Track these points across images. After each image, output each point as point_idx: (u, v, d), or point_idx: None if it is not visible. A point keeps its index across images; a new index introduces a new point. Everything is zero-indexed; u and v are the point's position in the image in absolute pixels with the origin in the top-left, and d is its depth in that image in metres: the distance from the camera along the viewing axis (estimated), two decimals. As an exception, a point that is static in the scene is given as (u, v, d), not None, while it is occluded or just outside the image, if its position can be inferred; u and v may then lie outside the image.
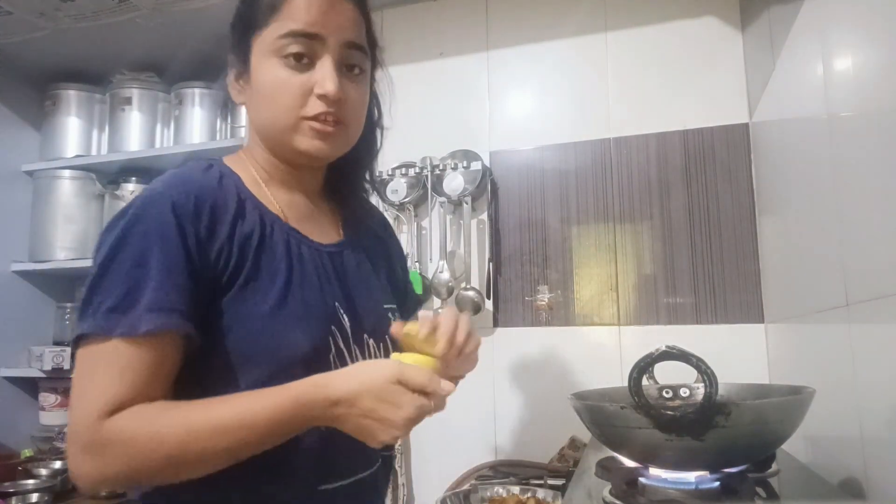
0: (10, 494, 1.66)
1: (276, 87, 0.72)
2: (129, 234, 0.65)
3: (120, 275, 0.64)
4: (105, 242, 0.66)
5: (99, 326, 0.63)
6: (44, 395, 2.10)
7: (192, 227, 0.67)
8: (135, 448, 0.62)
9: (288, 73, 0.72)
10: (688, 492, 0.74)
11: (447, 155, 1.71)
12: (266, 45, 0.73)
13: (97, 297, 0.64)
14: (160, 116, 2.21)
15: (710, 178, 1.54)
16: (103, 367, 0.63)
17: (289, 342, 0.70)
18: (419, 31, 1.83)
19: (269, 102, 0.73)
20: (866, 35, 0.77)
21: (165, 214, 0.66)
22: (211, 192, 0.71)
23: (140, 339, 0.62)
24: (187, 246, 0.66)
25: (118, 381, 0.62)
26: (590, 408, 0.80)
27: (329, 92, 0.71)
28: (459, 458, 1.59)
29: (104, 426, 0.61)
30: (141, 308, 0.62)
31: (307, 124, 0.73)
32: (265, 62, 0.73)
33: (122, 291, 0.63)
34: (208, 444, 0.62)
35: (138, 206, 0.67)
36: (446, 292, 1.64)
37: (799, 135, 1.09)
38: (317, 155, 0.75)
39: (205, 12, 1.83)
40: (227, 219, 0.70)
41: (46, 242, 2.13)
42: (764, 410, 0.73)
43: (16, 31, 1.88)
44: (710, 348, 0.83)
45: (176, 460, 0.62)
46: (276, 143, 0.76)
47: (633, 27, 1.65)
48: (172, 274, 0.64)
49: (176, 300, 0.64)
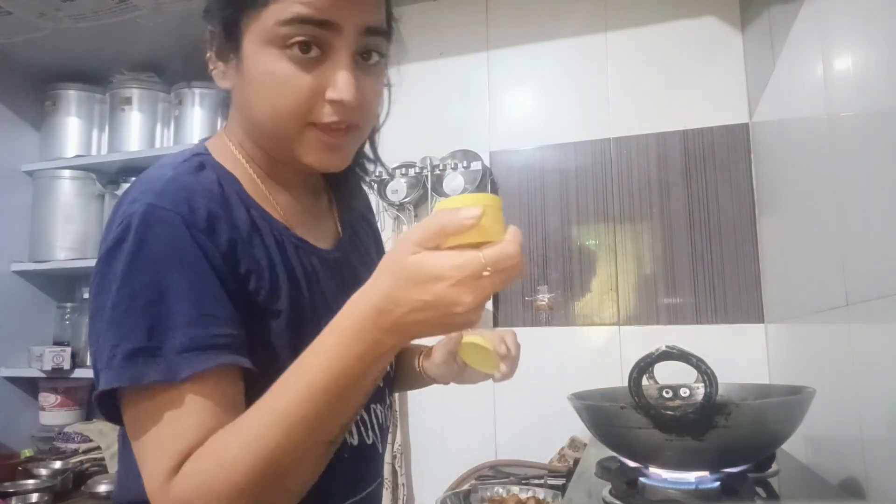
0: (10, 494, 1.66)
1: (276, 85, 0.58)
2: (136, 260, 0.53)
3: (136, 311, 0.52)
4: (108, 273, 0.54)
5: (122, 377, 0.52)
6: (44, 395, 2.09)
7: (212, 245, 0.56)
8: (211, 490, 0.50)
9: (292, 68, 0.57)
10: (688, 492, 0.74)
11: (447, 155, 1.71)
12: (264, 30, 0.57)
13: (112, 341, 0.53)
14: (160, 116, 2.21)
15: (710, 178, 1.54)
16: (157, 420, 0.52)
17: None
18: (419, 31, 1.83)
19: (266, 102, 0.59)
20: (866, 35, 0.77)
21: (179, 233, 0.54)
22: (218, 200, 0.59)
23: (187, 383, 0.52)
24: (214, 267, 0.55)
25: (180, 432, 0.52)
26: (590, 408, 0.80)
27: (346, 99, 0.58)
28: (459, 458, 1.59)
29: (175, 485, 0.51)
30: (174, 348, 0.52)
31: (314, 133, 0.60)
32: (262, 51, 0.58)
33: (143, 330, 0.52)
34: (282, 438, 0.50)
35: (139, 225, 0.54)
36: (446, 292, 1.64)
37: (799, 135, 1.09)
38: (324, 170, 0.64)
39: (205, 12, 1.83)
40: (242, 234, 0.60)
41: (46, 242, 2.13)
42: (764, 410, 0.73)
43: (16, 31, 1.88)
44: (710, 348, 0.83)
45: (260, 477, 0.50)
46: (272, 147, 0.64)
47: (633, 27, 1.65)
48: (205, 301, 0.54)
49: (215, 332, 0.53)
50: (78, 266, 2.11)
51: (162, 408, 0.52)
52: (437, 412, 1.66)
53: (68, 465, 1.84)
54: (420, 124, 1.75)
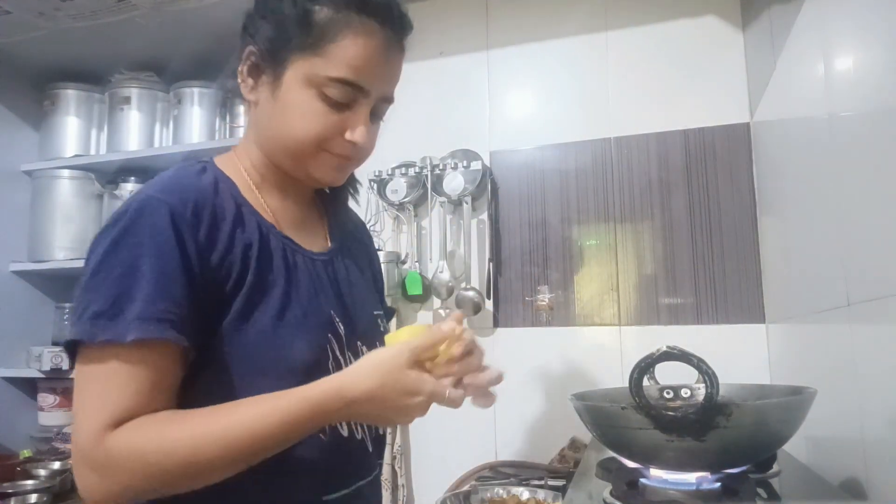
0: (8, 495, 1.66)
1: (307, 117, 0.71)
2: (122, 240, 0.63)
3: (109, 281, 0.62)
4: (97, 247, 0.64)
5: (84, 332, 0.61)
6: (42, 395, 2.09)
7: (191, 235, 0.65)
8: (142, 462, 0.60)
9: (324, 108, 0.71)
10: (689, 492, 0.74)
11: (447, 155, 1.71)
12: (310, 73, 0.70)
13: (83, 304, 0.62)
14: (159, 116, 2.20)
15: (711, 178, 1.54)
16: (102, 379, 0.61)
17: (292, 352, 0.70)
18: (419, 30, 1.81)
19: (295, 126, 0.71)
20: (867, 35, 0.76)
21: (162, 222, 0.64)
22: (209, 197, 0.70)
23: (133, 348, 0.61)
24: (186, 255, 0.65)
25: (119, 393, 0.61)
26: (590, 408, 0.79)
27: (360, 143, 0.73)
28: (459, 459, 1.59)
29: (108, 441, 0.60)
30: (130, 316, 0.61)
31: (327, 157, 0.74)
32: (303, 88, 0.71)
33: (110, 298, 0.61)
34: (218, 454, 0.61)
35: (133, 211, 0.65)
36: (446, 292, 1.64)
37: (800, 134, 1.09)
38: (329, 183, 0.78)
39: (204, 12, 1.82)
40: (225, 226, 0.69)
41: (45, 242, 2.12)
42: (765, 411, 0.72)
43: (15, 31, 1.88)
44: (710, 348, 0.82)
45: (185, 472, 0.61)
46: (285, 159, 0.75)
47: (634, 26, 1.64)
48: (166, 283, 0.63)
49: (167, 310, 0.62)
50: (77, 266, 2.09)
51: (108, 369, 0.61)
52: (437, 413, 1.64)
53: (67, 466, 1.83)
54: (420, 124, 1.75)
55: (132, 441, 0.60)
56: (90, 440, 0.60)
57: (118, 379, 0.61)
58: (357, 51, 0.70)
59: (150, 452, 0.60)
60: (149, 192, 0.66)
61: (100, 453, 0.60)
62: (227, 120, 2.18)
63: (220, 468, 0.62)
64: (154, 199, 0.65)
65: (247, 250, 0.70)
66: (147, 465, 0.60)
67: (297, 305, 0.72)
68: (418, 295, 1.66)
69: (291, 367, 0.69)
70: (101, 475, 0.60)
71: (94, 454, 0.60)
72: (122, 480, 0.60)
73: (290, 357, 0.70)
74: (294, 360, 0.70)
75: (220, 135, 2.16)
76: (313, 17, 0.70)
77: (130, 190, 2.11)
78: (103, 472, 0.60)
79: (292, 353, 0.70)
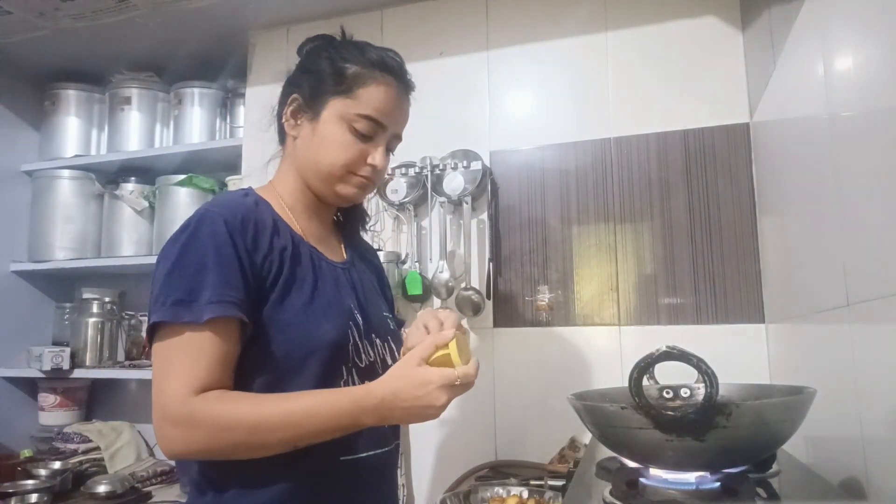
0: (9, 495, 1.66)
1: (340, 145, 0.92)
2: (189, 244, 0.81)
3: (184, 276, 0.79)
4: (169, 252, 0.82)
5: (168, 315, 0.77)
6: (43, 395, 2.09)
7: (241, 239, 0.83)
8: (218, 426, 0.76)
9: (352, 139, 0.92)
10: (688, 492, 0.74)
11: (447, 155, 1.71)
12: (343, 111, 0.91)
13: (165, 294, 0.78)
14: (159, 116, 2.21)
15: (711, 178, 1.54)
16: (182, 353, 0.77)
17: (319, 331, 0.86)
18: (419, 31, 1.83)
19: (329, 151, 0.92)
20: (867, 35, 0.76)
21: (220, 229, 0.82)
22: (252, 212, 0.88)
23: (206, 327, 0.77)
24: (238, 254, 0.82)
25: (198, 365, 0.77)
26: (590, 408, 0.79)
27: (379, 166, 0.95)
28: (459, 459, 1.59)
29: (191, 403, 0.75)
30: (203, 301, 0.77)
31: (353, 178, 0.94)
32: (337, 123, 0.92)
33: (187, 289, 0.78)
34: (275, 431, 0.77)
35: (195, 222, 0.83)
36: (446, 292, 1.64)
37: (799, 135, 1.09)
38: (352, 200, 0.98)
39: (204, 12, 1.83)
40: (265, 234, 0.87)
41: (46, 242, 2.12)
42: (765, 411, 0.72)
43: (15, 31, 1.88)
44: (710, 348, 0.82)
45: (247, 442, 0.77)
46: (318, 181, 0.94)
47: (634, 27, 1.64)
48: (228, 275, 0.80)
49: (231, 294, 0.79)
50: (77, 266, 2.11)
51: (187, 344, 0.77)
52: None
53: (67, 466, 1.83)
54: (420, 124, 1.73)
55: (212, 408, 0.76)
56: (176, 402, 0.75)
57: (195, 353, 0.77)
58: (379, 95, 0.93)
59: (224, 420, 0.76)
60: (207, 208, 0.85)
61: (184, 413, 0.75)
62: (227, 120, 2.18)
63: (273, 445, 0.78)
64: (211, 212, 0.84)
65: (282, 252, 0.88)
66: (220, 430, 0.76)
67: (323, 296, 0.90)
68: (418, 295, 1.66)
69: (320, 342, 0.85)
70: (183, 431, 0.76)
71: (178, 413, 0.75)
72: (201, 438, 0.76)
73: (318, 336, 0.86)
74: (321, 339, 0.86)
75: (220, 135, 2.16)
76: (346, 71, 0.92)
77: (130, 190, 2.12)
78: (185, 429, 0.76)
79: (320, 333, 0.86)
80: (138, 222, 2.12)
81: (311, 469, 0.84)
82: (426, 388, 0.78)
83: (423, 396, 0.78)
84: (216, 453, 0.79)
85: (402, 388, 0.78)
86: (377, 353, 0.95)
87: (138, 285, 2.28)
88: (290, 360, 0.84)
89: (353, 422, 0.79)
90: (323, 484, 0.86)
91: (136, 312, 2.22)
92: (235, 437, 0.76)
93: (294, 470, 0.83)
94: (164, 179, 2.08)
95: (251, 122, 1.97)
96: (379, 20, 1.87)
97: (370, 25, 1.86)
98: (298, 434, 0.78)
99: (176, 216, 2.04)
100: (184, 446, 0.76)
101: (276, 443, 0.78)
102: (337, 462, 0.86)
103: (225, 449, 0.78)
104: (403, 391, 0.78)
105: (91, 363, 2.06)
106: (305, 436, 0.78)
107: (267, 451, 0.79)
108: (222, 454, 0.79)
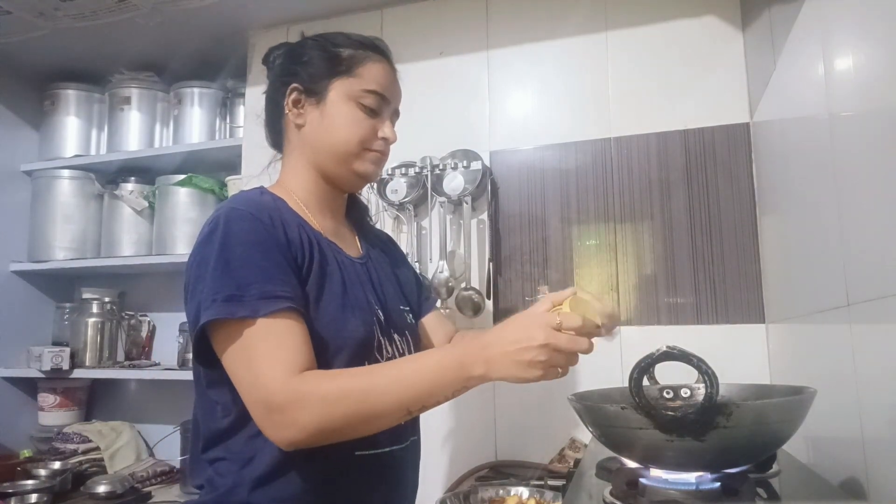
0: (9, 495, 1.66)
1: (353, 122, 0.94)
2: (226, 241, 0.80)
3: (229, 273, 0.78)
4: (206, 253, 0.80)
5: (222, 312, 0.76)
6: (43, 395, 2.09)
7: (274, 233, 0.84)
8: (328, 399, 0.74)
9: (362, 115, 0.95)
10: (688, 492, 0.74)
11: (447, 155, 1.71)
12: (349, 89, 0.94)
13: (213, 292, 0.77)
14: (159, 116, 2.21)
15: (711, 178, 1.54)
16: (263, 341, 0.76)
17: (349, 328, 0.88)
18: (419, 31, 1.83)
19: (342, 131, 0.94)
20: (867, 35, 0.76)
21: (253, 224, 0.82)
22: (275, 210, 0.88)
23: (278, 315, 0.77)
24: (279, 246, 0.83)
25: (284, 349, 0.76)
26: (590, 408, 0.79)
27: (390, 137, 0.98)
28: (459, 459, 1.59)
29: (295, 383, 0.74)
30: (253, 297, 0.76)
31: (369, 153, 0.96)
32: (346, 102, 0.94)
33: (233, 285, 0.77)
34: (387, 394, 0.75)
35: (224, 221, 0.82)
36: (446, 292, 1.64)
37: (800, 134, 1.09)
38: (370, 176, 0.98)
39: (204, 12, 1.83)
40: (292, 229, 0.87)
41: (45, 242, 2.12)
42: (765, 411, 0.72)
43: (15, 31, 1.88)
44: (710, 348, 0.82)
45: (360, 412, 0.75)
46: (334, 162, 0.96)
47: (634, 27, 1.64)
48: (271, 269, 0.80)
49: (279, 288, 0.79)
50: (77, 266, 2.11)
51: (264, 333, 0.76)
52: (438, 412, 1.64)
53: (67, 466, 1.83)
54: (420, 124, 1.75)
55: (317, 384, 0.75)
56: (276, 387, 0.74)
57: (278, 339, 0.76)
58: (378, 71, 0.97)
59: (334, 392, 0.74)
60: (231, 206, 0.85)
61: (289, 394, 0.73)
62: (227, 120, 2.18)
63: (389, 410, 0.76)
64: (237, 210, 0.83)
65: (311, 249, 0.89)
66: (331, 403, 0.74)
67: (350, 293, 0.91)
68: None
69: (349, 341, 0.87)
70: (293, 414, 0.73)
71: (283, 397, 0.73)
72: (313, 416, 0.73)
73: (347, 333, 0.87)
74: (350, 335, 0.87)
75: (219, 135, 2.16)
76: (342, 54, 0.96)
77: (130, 190, 2.12)
78: (294, 411, 0.73)
79: (349, 330, 0.88)
80: (138, 222, 2.12)
81: (326, 464, 0.84)
82: (527, 328, 0.73)
83: (522, 338, 0.72)
84: (330, 431, 0.75)
85: (506, 329, 0.75)
86: (395, 349, 0.96)
87: (138, 285, 2.28)
88: (321, 356, 0.83)
89: (461, 372, 0.74)
90: (338, 479, 0.86)
91: (136, 312, 2.23)
92: (348, 407, 0.74)
93: (311, 464, 0.83)
94: (164, 179, 2.08)
95: (251, 121, 1.97)
96: (379, 20, 1.86)
97: (370, 25, 1.86)
98: (410, 395, 0.75)
99: (176, 216, 2.04)
100: (298, 429, 0.73)
101: (390, 407, 0.75)
102: (352, 457, 0.86)
103: (338, 423, 0.74)
104: (507, 332, 0.74)
105: (91, 363, 2.06)
106: (419, 396, 0.75)
107: (381, 419, 0.77)
108: (336, 431, 0.76)
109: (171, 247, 2.02)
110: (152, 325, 2.25)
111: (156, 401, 2.15)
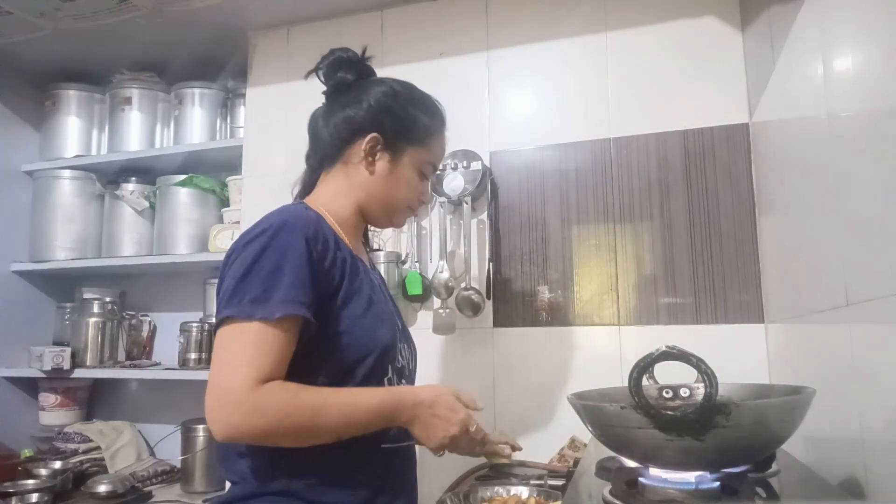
0: (9, 494, 1.66)
1: (410, 188, 1.08)
2: (268, 248, 0.87)
3: (261, 277, 0.85)
4: (248, 252, 0.88)
5: (244, 312, 0.83)
6: (44, 395, 2.10)
7: (314, 248, 0.91)
8: (284, 412, 0.82)
9: (418, 182, 1.08)
10: (688, 492, 0.74)
11: (447, 155, 1.71)
12: (417, 159, 1.07)
13: (241, 292, 0.84)
14: (160, 116, 2.21)
15: (710, 178, 1.54)
16: (250, 345, 0.82)
17: (377, 335, 0.97)
18: (419, 31, 1.83)
19: (403, 193, 1.07)
20: (866, 35, 0.77)
21: (297, 238, 0.89)
22: (320, 226, 0.96)
23: (276, 323, 0.83)
24: (312, 261, 0.89)
25: (267, 358, 0.82)
26: (590, 408, 0.79)
27: (427, 202, 1.16)
28: (459, 458, 1.58)
29: (258, 391, 0.80)
30: (276, 300, 0.84)
31: (408, 211, 1.10)
32: (411, 168, 1.07)
33: (262, 288, 0.84)
34: (331, 419, 0.85)
35: (274, 229, 0.89)
36: (446, 292, 1.64)
37: (799, 135, 1.09)
38: (395, 227, 1.15)
39: (205, 12, 1.83)
40: (331, 244, 0.95)
41: (46, 242, 2.13)
42: (764, 411, 0.72)
43: (16, 31, 1.88)
44: (710, 348, 0.83)
45: (308, 426, 0.84)
46: (381, 211, 1.08)
47: (633, 27, 1.64)
48: (300, 279, 0.87)
49: (302, 296, 0.86)
50: (78, 266, 2.11)
51: (258, 337, 0.83)
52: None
53: (68, 466, 1.84)
54: (420, 124, 1.75)
55: (276, 394, 0.82)
56: (243, 388, 0.80)
57: (262, 346, 0.83)
58: (441, 146, 1.13)
59: (292, 406, 0.83)
60: (283, 217, 0.92)
61: (251, 399, 0.80)
62: (227, 121, 2.19)
63: (328, 432, 0.86)
64: (289, 222, 0.91)
65: (343, 264, 0.96)
66: (284, 416, 0.82)
67: (377, 303, 1.00)
68: (418, 295, 1.66)
69: (377, 346, 0.96)
70: (249, 417, 0.80)
71: (244, 399, 0.79)
72: (265, 424, 0.81)
73: (376, 339, 0.96)
74: (379, 341, 0.97)
75: (220, 135, 2.16)
76: (421, 122, 1.07)
77: (131, 190, 2.12)
78: (251, 415, 0.80)
79: (378, 336, 0.97)
80: (139, 222, 2.13)
81: (356, 455, 0.93)
82: (455, 414, 0.94)
83: (449, 418, 0.93)
84: (275, 438, 0.84)
85: (439, 403, 0.93)
86: (405, 354, 1.06)
87: (139, 285, 2.28)
88: (352, 360, 0.93)
89: (392, 417, 0.91)
90: (366, 469, 0.95)
91: (137, 312, 2.23)
92: (301, 420, 0.83)
93: (342, 455, 0.91)
94: (165, 179, 2.09)
95: (252, 122, 1.97)
96: (379, 20, 1.87)
97: (370, 26, 1.86)
98: (350, 423, 0.87)
99: (176, 216, 2.04)
100: (245, 430, 0.80)
101: (330, 430, 0.86)
102: (378, 449, 0.96)
103: (287, 433, 0.83)
104: (439, 407, 0.93)
105: (92, 363, 2.06)
106: (356, 426, 0.88)
107: (317, 439, 0.86)
108: (279, 440, 0.85)
109: (171, 247, 2.02)
110: (153, 324, 2.26)
111: (156, 400, 2.15)
